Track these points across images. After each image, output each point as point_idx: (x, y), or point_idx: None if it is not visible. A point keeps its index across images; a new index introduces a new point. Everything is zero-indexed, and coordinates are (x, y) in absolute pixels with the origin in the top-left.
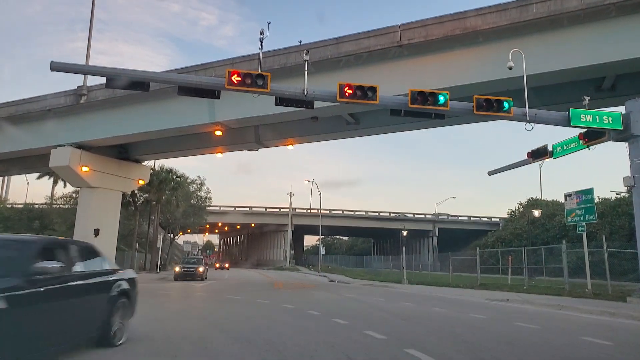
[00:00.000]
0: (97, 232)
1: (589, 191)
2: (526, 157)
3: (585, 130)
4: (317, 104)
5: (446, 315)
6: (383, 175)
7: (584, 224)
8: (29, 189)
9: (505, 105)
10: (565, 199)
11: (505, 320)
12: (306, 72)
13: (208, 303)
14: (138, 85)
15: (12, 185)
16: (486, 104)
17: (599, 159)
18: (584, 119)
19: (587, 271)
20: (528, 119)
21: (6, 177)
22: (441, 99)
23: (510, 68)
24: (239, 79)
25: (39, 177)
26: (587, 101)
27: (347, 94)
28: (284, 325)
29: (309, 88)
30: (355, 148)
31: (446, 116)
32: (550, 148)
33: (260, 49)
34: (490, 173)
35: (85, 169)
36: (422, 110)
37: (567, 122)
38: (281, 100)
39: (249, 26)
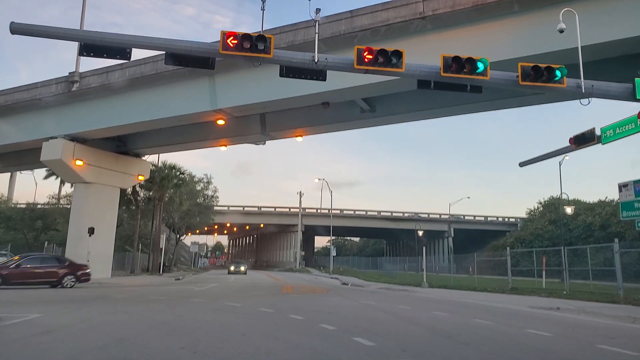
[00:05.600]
0: (91, 231)
1: None
2: (568, 144)
3: None
4: (329, 85)
5: (495, 330)
6: (392, 176)
7: None
8: (37, 189)
9: (558, 73)
10: (620, 190)
11: (581, 341)
12: (317, 35)
13: (200, 312)
14: (118, 52)
15: (18, 185)
16: (534, 72)
17: (603, 161)
18: None
19: None
20: (584, 91)
21: (11, 177)
22: (480, 66)
23: (562, 31)
24: (235, 41)
25: (46, 177)
26: None
27: (366, 59)
28: (290, 349)
29: (321, 56)
30: (363, 147)
31: (483, 89)
32: (598, 132)
33: (263, 9)
34: (522, 164)
35: (79, 162)
36: (456, 81)
37: (631, 95)
38: (287, 70)
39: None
